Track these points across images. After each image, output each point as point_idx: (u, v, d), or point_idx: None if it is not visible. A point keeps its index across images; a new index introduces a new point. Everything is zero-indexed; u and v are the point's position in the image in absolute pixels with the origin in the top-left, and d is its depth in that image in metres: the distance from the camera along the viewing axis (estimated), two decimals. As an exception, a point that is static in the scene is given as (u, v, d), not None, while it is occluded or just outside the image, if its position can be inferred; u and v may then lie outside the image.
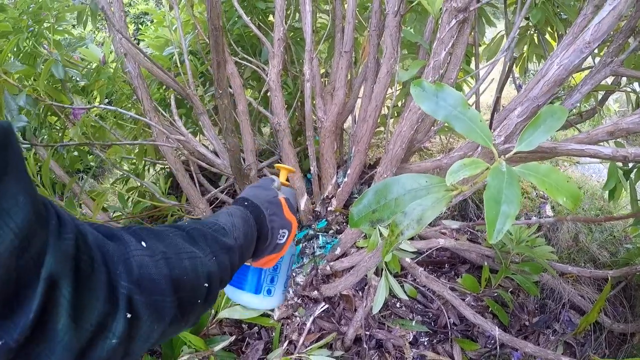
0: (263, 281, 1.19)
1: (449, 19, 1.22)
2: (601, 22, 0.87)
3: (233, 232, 0.79)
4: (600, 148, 0.79)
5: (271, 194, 1.01)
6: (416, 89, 0.64)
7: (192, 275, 0.62)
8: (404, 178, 0.63)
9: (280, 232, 0.97)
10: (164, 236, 0.63)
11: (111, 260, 0.51)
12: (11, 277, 0.38)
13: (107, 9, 1.74)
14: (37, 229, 0.42)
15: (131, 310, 0.51)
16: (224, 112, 1.21)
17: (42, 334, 0.41)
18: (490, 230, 0.50)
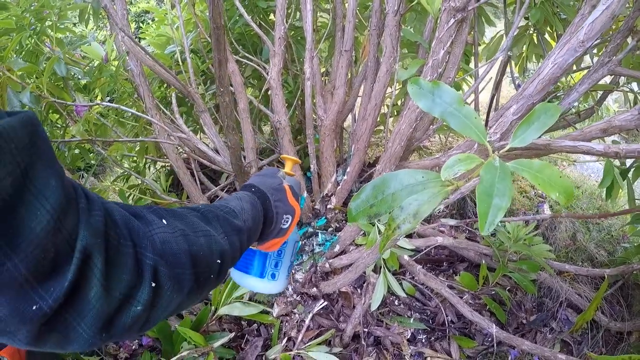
0: (268, 266, 1.26)
1: (447, 18, 1.23)
2: (594, 21, 0.89)
3: (242, 215, 0.84)
4: (593, 144, 0.81)
5: (276, 181, 1.06)
6: (413, 87, 0.66)
7: (207, 252, 0.66)
8: (401, 173, 0.65)
9: (284, 217, 1.03)
10: (182, 215, 0.68)
11: (137, 236, 0.55)
12: (49, 250, 0.43)
13: (110, 7, 1.76)
14: (69, 208, 0.46)
15: (156, 281, 0.55)
16: (225, 110, 1.22)
17: (75, 301, 0.45)
18: (482, 222, 0.52)
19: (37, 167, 0.43)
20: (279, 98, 1.89)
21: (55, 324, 0.45)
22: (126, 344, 1.88)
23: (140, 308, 0.53)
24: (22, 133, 0.42)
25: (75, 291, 0.46)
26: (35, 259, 0.41)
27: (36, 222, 0.42)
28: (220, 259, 0.70)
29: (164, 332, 1.61)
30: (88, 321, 0.47)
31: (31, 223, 0.42)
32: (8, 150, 0.40)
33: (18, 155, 0.41)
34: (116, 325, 0.51)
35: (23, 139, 0.42)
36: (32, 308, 0.42)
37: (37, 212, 0.42)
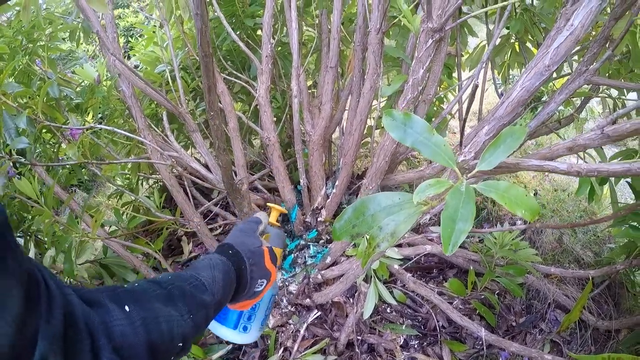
0: (241, 319, 1.27)
1: (425, 38, 1.28)
2: (559, 46, 0.94)
3: (213, 288, 0.85)
4: (557, 164, 0.86)
5: (255, 243, 1.06)
6: (387, 119, 0.71)
7: (168, 337, 0.68)
8: (379, 196, 0.70)
9: (259, 282, 1.04)
10: (145, 299, 0.70)
11: (96, 331, 0.57)
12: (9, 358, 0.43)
13: (102, 32, 1.80)
14: (30, 315, 0.47)
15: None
16: (217, 132, 1.27)
17: None
18: (445, 245, 0.58)
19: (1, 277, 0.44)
20: (268, 115, 1.94)
21: None
22: None
23: None
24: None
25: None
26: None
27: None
28: (182, 342, 0.72)
29: (163, 346, 1.65)
30: None
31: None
32: None
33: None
34: None
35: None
36: None
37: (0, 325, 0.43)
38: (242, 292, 1.00)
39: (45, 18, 1.99)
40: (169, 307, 0.71)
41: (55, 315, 0.51)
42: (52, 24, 2.05)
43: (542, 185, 3.25)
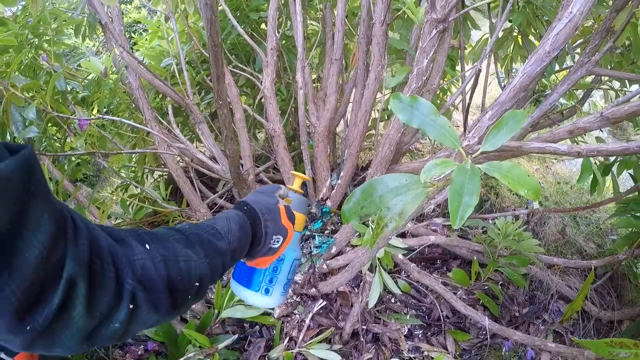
0: (262, 281, 1.30)
1: (429, 29, 1.30)
2: (559, 33, 0.96)
3: (228, 236, 0.89)
4: (558, 145, 0.88)
5: (271, 201, 1.09)
6: (395, 102, 0.74)
7: (186, 277, 0.73)
8: (386, 178, 0.72)
9: (274, 238, 1.06)
10: (165, 240, 0.74)
11: (119, 262, 0.62)
12: (40, 278, 0.50)
13: (109, 25, 1.82)
14: (58, 240, 0.53)
15: (133, 303, 0.62)
16: (224, 121, 1.28)
17: (61, 319, 0.53)
18: (453, 217, 0.60)
19: (31, 204, 0.50)
20: (273, 107, 1.96)
21: (44, 336, 0.53)
22: (132, 349, 1.93)
23: (118, 325, 0.61)
24: (19, 174, 0.48)
25: (61, 311, 0.53)
26: (28, 284, 0.49)
27: (30, 253, 0.49)
28: (198, 282, 0.77)
29: (170, 336, 1.67)
30: (71, 334, 0.55)
31: (26, 254, 0.49)
32: (5, 191, 0.46)
33: (15, 195, 0.48)
34: (96, 337, 0.59)
35: (20, 179, 0.49)
36: (26, 328, 0.50)
37: (31, 245, 0.49)
38: (258, 246, 1.03)
39: (51, 13, 2.01)
40: (188, 249, 0.76)
41: (81, 244, 0.56)
42: (58, 19, 2.07)
43: (545, 179, 3.26)
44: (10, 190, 0.47)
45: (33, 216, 0.50)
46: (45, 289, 0.51)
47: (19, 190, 0.48)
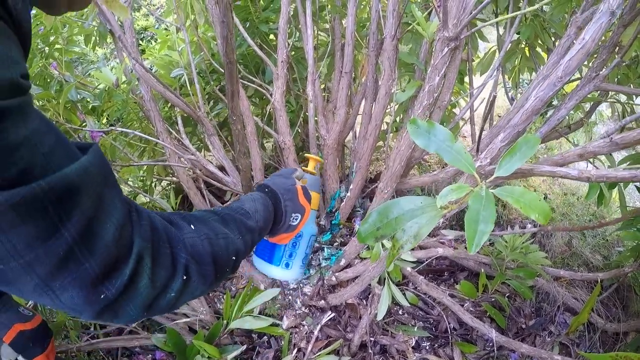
0: (283, 256, 1.51)
1: (441, 47, 1.32)
2: (571, 59, 0.98)
3: (255, 216, 1.02)
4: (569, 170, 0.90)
5: (289, 182, 1.23)
6: (412, 127, 0.77)
7: (225, 252, 0.84)
8: (402, 201, 0.75)
9: (293, 216, 1.20)
10: (206, 220, 0.85)
11: (173, 240, 0.72)
12: (114, 254, 0.59)
13: (123, 37, 1.84)
14: (127, 221, 0.63)
15: (186, 274, 0.72)
16: (238, 136, 1.30)
17: (129, 290, 0.62)
18: (469, 244, 0.63)
19: (106, 192, 0.60)
20: (283, 119, 1.97)
21: (113, 306, 0.61)
22: (140, 358, 1.94)
23: (174, 295, 0.70)
24: (98, 167, 0.58)
25: (130, 283, 0.61)
26: (105, 260, 0.57)
27: (105, 233, 0.58)
28: (235, 257, 0.87)
29: (179, 346, 1.67)
30: (136, 304, 0.64)
31: (103, 234, 0.57)
32: (88, 181, 0.55)
33: (97, 186, 0.57)
34: (155, 307, 0.68)
35: (99, 172, 0.59)
36: (100, 297, 0.59)
37: (107, 226, 0.58)
38: (279, 224, 1.18)
39: (61, 21, 2.03)
40: (225, 228, 0.87)
41: (143, 224, 0.67)
42: (69, 28, 2.10)
43: (552, 190, 3.27)
44: (93, 181, 0.57)
45: (108, 202, 0.60)
46: (118, 264, 0.60)
47: (98, 181, 0.58)
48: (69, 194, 0.52)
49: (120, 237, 0.60)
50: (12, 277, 0.52)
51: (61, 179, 0.51)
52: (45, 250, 0.51)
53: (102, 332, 1.98)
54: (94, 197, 0.56)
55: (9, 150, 0.47)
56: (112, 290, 0.59)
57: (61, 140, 0.55)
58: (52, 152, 0.52)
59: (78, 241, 0.54)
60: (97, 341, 1.85)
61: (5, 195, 0.47)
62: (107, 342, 1.86)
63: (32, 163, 0.50)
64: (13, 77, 0.48)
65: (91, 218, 0.55)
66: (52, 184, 0.50)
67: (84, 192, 0.54)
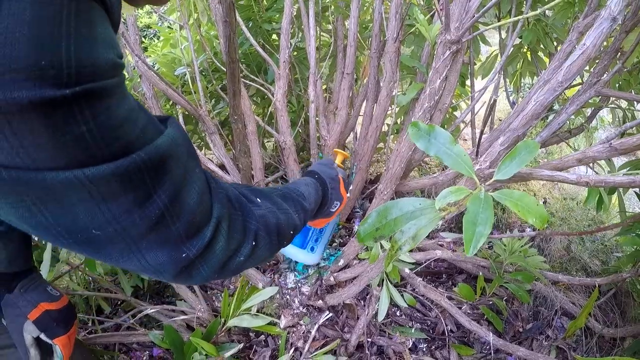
0: (310, 239, 1.58)
1: (443, 50, 1.32)
2: (572, 64, 0.99)
3: (309, 199, 1.09)
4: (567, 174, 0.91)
5: (333, 172, 1.32)
6: (413, 129, 0.78)
7: (286, 225, 0.90)
8: (401, 202, 0.75)
9: (335, 203, 1.29)
10: (270, 196, 0.91)
11: (245, 209, 0.78)
12: (197, 218, 0.64)
13: (126, 34, 1.84)
14: (206, 189, 0.68)
15: (255, 240, 0.78)
16: (239, 135, 1.31)
17: (208, 251, 0.67)
18: (467, 246, 0.63)
19: (190, 161, 0.64)
20: (284, 119, 1.98)
21: (191, 266, 0.66)
22: (137, 355, 1.95)
23: (242, 259, 0.75)
24: (181, 139, 0.62)
25: (210, 244, 0.66)
26: (188, 222, 0.62)
27: (190, 199, 0.62)
28: (293, 231, 0.94)
29: (176, 343, 1.68)
30: (210, 265, 0.69)
31: (188, 199, 0.62)
32: (176, 152, 0.60)
33: (182, 155, 0.62)
34: (225, 269, 0.73)
35: (184, 142, 0.63)
36: (182, 256, 0.63)
37: (191, 193, 0.63)
38: (323, 208, 1.26)
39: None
40: (285, 204, 0.93)
41: (220, 192, 0.73)
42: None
43: (552, 194, 3.27)
44: (179, 151, 0.61)
45: (191, 170, 0.64)
46: (200, 226, 0.65)
47: (183, 151, 0.62)
48: (163, 163, 0.57)
49: (201, 203, 0.65)
50: (105, 242, 0.56)
51: (156, 150, 0.55)
52: (140, 216, 0.56)
53: (100, 328, 1.99)
54: (181, 166, 0.61)
55: (114, 126, 0.50)
56: (193, 250, 0.64)
57: (149, 115, 0.59)
58: (146, 126, 0.56)
59: (168, 206, 0.58)
60: (95, 336, 1.86)
61: (111, 167, 0.50)
62: (105, 338, 1.87)
63: (132, 137, 0.53)
64: (114, 57, 0.50)
65: (179, 185, 0.60)
66: (150, 155, 0.54)
67: (174, 161, 0.59)
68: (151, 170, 0.55)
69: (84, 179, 0.48)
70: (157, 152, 0.55)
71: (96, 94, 0.47)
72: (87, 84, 0.46)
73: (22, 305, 1.12)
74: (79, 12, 0.45)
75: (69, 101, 0.44)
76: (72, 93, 0.44)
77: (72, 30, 0.44)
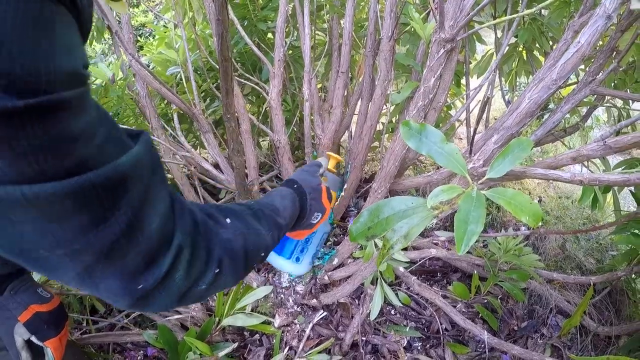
0: (295, 250, 1.54)
1: (437, 48, 1.32)
2: (566, 62, 0.98)
3: (284, 213, 1.04)
4: (561, 173, 0.90)
5: (316, 181, 1.25)
6: (404, 128, 0.77)
7: (256, 248, 0.86)
8: (393, 201, 0.75)
9: (315, 215, 1.22)
10: (241, 215, 0.87)
11: (210, 233, 0.74)
12: (155, 245, 0.60)
13: (120, 33, 1.83)
14: (170, 213, 0.64)
15: (219, 268, 0.74)
16: (232, 134, 1.30)
17: (166, 281, 0.63)
18: (458, 244, 0.63)
19: (153, 183, 0.60)
20: (279, 118, 1.97)
21: (148, 296, 0.62)
22: (132, 354, 1.94)
23: (204, 287, 0.72)
24: (147, 158, 0.59)
25: (168, 274, 0.62)
26: (147, 251, 0.58)
27: (150, 224, 0.58)
28: (264, 252, 0.90)
29: (170, 342, 1.67)
30: (170, 294, 0.65)
31: (148, 225, 0.58)
32: (139, 173, 0.56)
33: (146, 177, 0.58)
34: (185, 297, 0.69)
35: (148, 162, 0.59)
36: (137, 287, 0.59)
37: (152, 217, 0.59)
38: (301, 221, 1.19)
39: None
40: (257, 224, 0.89)
41: (185, 216, 0.68)
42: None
43: (546, 193, 3.28)
44: (142, 172, 0.57)
45: (155, 193, 0.61)
46: (159, 255, 0.61)
47: (147, 172, 0.59)
48: (121, 184, 0.53)
49: (162, 229, 0.61)
50: (56, 264, 0.53)
51: (114, 170, 0.52)
52: (93, 240, 0.52)
53: (94, 328, 1.98)
54: (142, 188, 0.57)
55: (67, 142, 0.47)
56: (150, 281, 0.60)
57: (114, 130, 0.56)
58: (106, 142, 0.53)
59: (125, 231, 0.55)
60: (89, 336, 1.85)
61: (62, 185, 0.47)
62: (99, 338, 1.86)
63: (88, 154, 0.50)
64: (75, 67, 0.48)
65: (139, 209, 0.56)
66: (106, 175, 0.51)
67: (134, 182, 0.55)
68: (108, 191, 0.52)
69: (30, 195, 0.46)
70: (116, 171, 0.52)
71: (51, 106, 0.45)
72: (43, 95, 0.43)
73: (12, 307, 1.10)
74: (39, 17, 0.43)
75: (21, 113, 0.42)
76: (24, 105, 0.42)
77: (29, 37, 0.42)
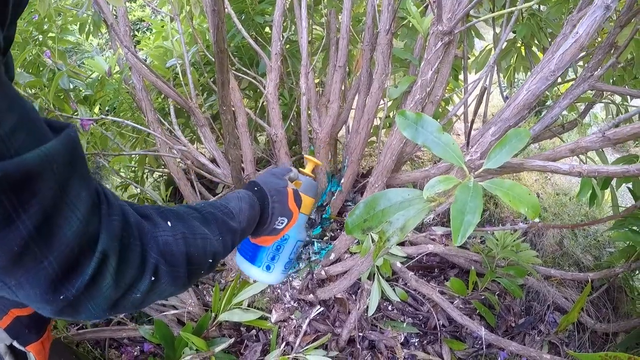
0: (265, 257, 1.43)
1: (435, 41, 1.31)
2: (564, 53, 0.97)
3: (239, 217, 0.97)
4: (559, 164, 0.89)
5: (281, 183, 1.19)
6: (400, 118, 0.75)
7: (202, 253, 0.80)
8: (389, 192, 0.74)
9: (279, 219, 1.16)
10: (185, 218, 0.81)
11: (145, 237, 0.68)
12: (76, 251, 0.55)
13: (115, 25, 1.82)
14: (94, 215, 0.58)
15: (155, 275, 0.68)
16: (227, 127, 1.29)
17: (90, 289, 0.58)
18: (455, 235, 0.62)
19: (71, 182, 0.54)
20: (276, 112, 1.96)
21: (73, 304, 0.57)
22: (128, 350, 1.93)
23: (139, 295, 0.67)
24: (64, 154, 0.53)
25: (92, 282, 0.58)
26: (65, 257, 0.53)
27: (68, 228, 0.53)
28: (212, 258, 0.84)
29: (167, 338, 1.67)
30: (98, 303, 0.60)
31: (65, 229, 0.53)
32: (50, 170, 0.50)
33: (58, 174, 0.51)
34: (118, 306, 0.64)
35: (64, 158, 0.53)
36: (59, 297, 0.55)
37: (69, 220, 0.53)
38: (263, 226, 1.13)
39: (55, 10, 2.01)
40: (204, 227, 0.83)
41: (113, 219, 0.62)
42: (63, 16, 2.08)
43: (544, 189, 3.27)
44: (55, 170, 0.51)
45: (73, 193, 0.54)
46: (80, 262, 0.56)
47: (62, 170, 0.52)
48: (27, 182, 0.47)
49: (84, 233, 0.56)
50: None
51: (17, 166, 0.46)
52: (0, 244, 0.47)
53: (90, 323, 1.97)
54: (55, 188, 0.51)
55: None
56: (72, 290, 0.55)
57: (27, 119, 0.50)
58: (13, 133, 0.47)
59: (34, 235, 0.49)
60: (85, 331, 1.84)
61: None
62: (95, 333, 1.85)
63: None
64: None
65: (51, 210, 0.51)
66: (6, 171, 0.45)
67: (44, 181, 0.49)
68: (9, 190, 0.46)
69: None
70: (20, 168, 0.46)
71: None
72: None
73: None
74: None
75: None
76: None
77: None
